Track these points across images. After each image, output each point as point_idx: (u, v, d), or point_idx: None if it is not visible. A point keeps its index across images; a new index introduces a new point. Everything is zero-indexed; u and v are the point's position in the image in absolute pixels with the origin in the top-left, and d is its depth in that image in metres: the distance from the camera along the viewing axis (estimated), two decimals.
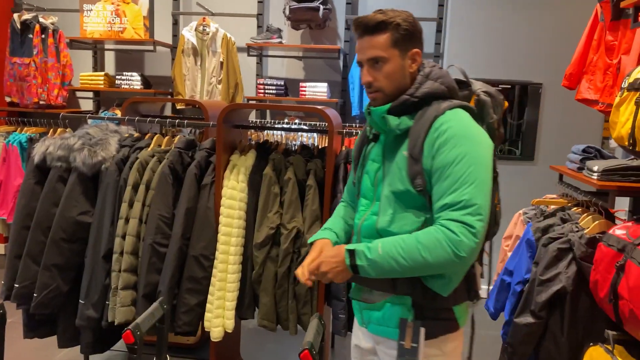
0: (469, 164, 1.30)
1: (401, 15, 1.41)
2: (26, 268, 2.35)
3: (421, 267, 1.29)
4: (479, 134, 1.37)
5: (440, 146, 1.32)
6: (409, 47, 1.41)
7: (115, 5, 4.37)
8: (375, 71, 1.41)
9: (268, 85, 4.38)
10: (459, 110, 1.39)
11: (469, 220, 1.26)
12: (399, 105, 1.40)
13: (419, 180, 1.35)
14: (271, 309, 2.28)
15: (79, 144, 2.38)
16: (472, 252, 1.27)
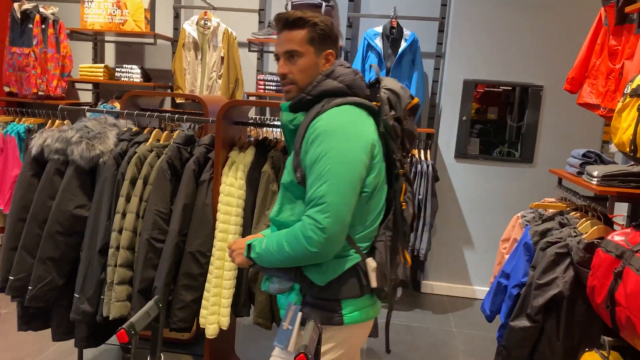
0: (329, 162, 1.35)
1: (319, 17, 1.50)
2: (21, 260, 2.34)
3: (288, 259, 1.41)
4: (356, 132, 1.41)
5: (311, 142, 1.40)
6: (324, 47, 1.50)
7: None
8: (290, 64, 1.48)
9: (268, 81, 4.36)
10: (347, 107, 1.45)
11: (317, 217, 1.34)
12: (297, 102, 1.49)
13: (299, 172, 1.44)
14: (267, 307, 2.27)
15: (77, 137, 2.36)
16: (322, 247, 1.35)
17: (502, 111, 4.20)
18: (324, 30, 1.49)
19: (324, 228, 1.33)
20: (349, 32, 4.40)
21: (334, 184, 1.35)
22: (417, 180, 3.78)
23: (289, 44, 1.47)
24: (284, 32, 1.49)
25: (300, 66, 1.48)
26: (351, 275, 1.46)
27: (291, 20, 1.47)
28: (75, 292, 2.32)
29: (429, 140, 4.11)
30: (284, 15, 1.49)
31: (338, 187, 1.35)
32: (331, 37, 1.52)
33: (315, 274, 1.44)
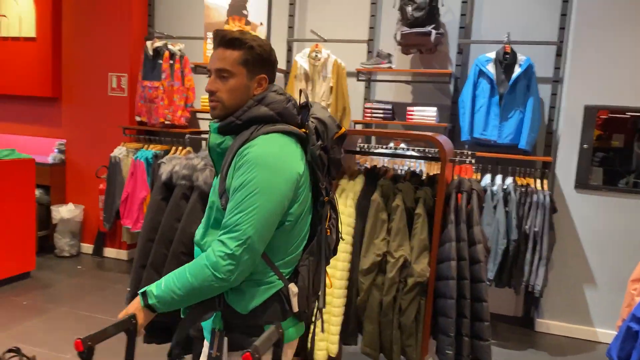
0: (250, 191, 1.36)
1: (258, 40, 1.49)
2: (149, 277, 2.54)
3: (191, 292, 1.38)
4: (282, 163, 1.41)
5: (236, 169, 1.40)
6: (258, 71, 1.49)
7: None
8: (220, 82, 1.48)
9: (375, 109, 4.41)
10: (276, 135, 1.44)
11: (229, 243, 1.35)
12: (225, 126, 1.48)
13: (224, 198, 1.43)
14: (375, 337, 2.26)
15: (201, 164, 2.54)
16: (230, 273, 1.35)
17: (629, 138, 3.88)
18: (260, 55, 1.49)
19: (232, 255, 1.35)
20: (459, 58, 4.34)
21: (250, 214, 1.36)
22: (532, 211, 3.59)
23: (222, 63, 1.47)
24: (219, 50, 1.49)
25: (230, 86, 1.47)
26: (274, 301, 1.46)
27: (228, 39, 1.47)
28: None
29: (545, 169, 3.89)
30: (222, 32, 1.49)
31: (254, 218, 1.36)
32: (267, 62, 1.52)
33: (237, 303, 1.45)
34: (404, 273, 2.24)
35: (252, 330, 1.46)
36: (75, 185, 5.44)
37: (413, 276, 2.20)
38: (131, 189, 4.80)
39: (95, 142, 5.30)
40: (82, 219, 5.36)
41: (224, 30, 1.48)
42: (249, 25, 4.63)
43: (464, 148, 4.16)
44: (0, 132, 5.67)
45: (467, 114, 4.04)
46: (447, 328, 2.18)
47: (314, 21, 4.80)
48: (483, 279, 2.18)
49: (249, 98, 1.49)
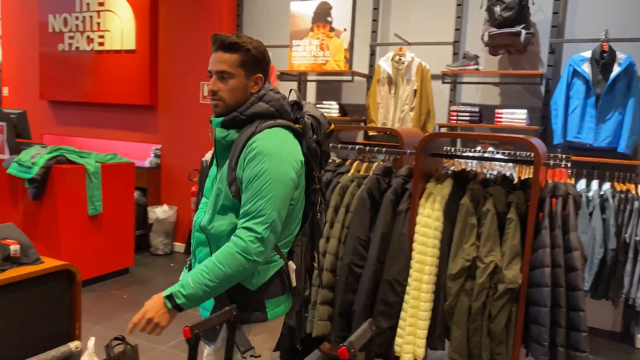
0: (267, 180, 1.51)
1: (253, 43, 1.62)
2: None
3: (226, 280, 1.50)
4: (287, 153, 1.57)
5: (249, 161, 1.53)
6: (254, 71, 1.63)
7: (320, 40, 4.76)
8: (221, 83, 1.61)
9: (461, 112, 4.32)
10: (278, 129, 1.59)
11: (257, 228, 1.49)
12: (230, 120, 1.61)
13: (234, 187, 1.57)
14: (463, 343, 2.22)
15: None
16: (260, 254, 1.50)
17: None
18: (256, 57, 1.62)
19: (262, 238, 1.50)
20: (550, 58, 4.15)
21: (271, 200, 1.50)
22: (633, 219, 3.36)
23: (222, 65, 1.60)
24: (218, 53, 1.61)
25: (230, 86, 1.61)
26: (276, 277, 1.62)
27: (226, 44, 1.60)
28: None
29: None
30: (220, 37, 1.60)
31: (275, 202, 1.51)
32: (262, 62, 1.65)
33: (248, 280, 1.58)
34: (495, 279, 2.18)
35: (255, 305, 1.62)
36: (170, 187, 5.78)
37: (504, 282, 2.14)
38: None
39: (188, 147, 5.61)
40: (176, 220, 5.68)
41: (222, 35, 1.61)
42: (333, 32, 4.71)
43: (556, 152, 3.98)
44: (104, 138, 6.15)
45: (560, 116, 3.85)
46: (540, 337, 2.10)
47: (397, 25, 4.79)
48: (580, 287, 2.08)
49: (247, 96, 1.63)
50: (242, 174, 1.56)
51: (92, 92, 6.06)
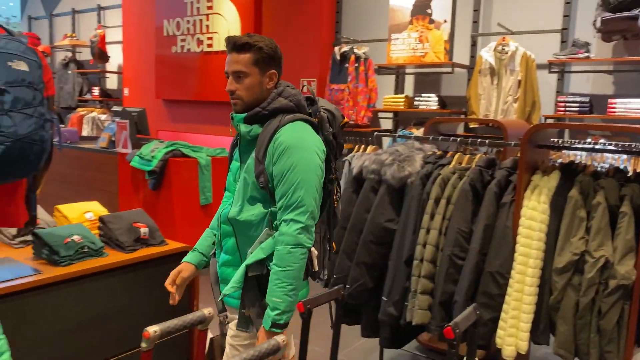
0: (300, 171, 1.59)
1: (265, 41, 1.68)
2: (342, 262, 2.76)
3: (299, 274, 1.59)
4: (312, 144, 1.65)
5: (279, 155, 1.61)
6: (268, 68, 1.69)
7: (420, 32, 4.75)
8: (237, 83, 1.68)
9: (570, 103, 4.12)
10: (299, 123, 1.67)
11: (300, 218, 1.58)
12: (253, 116, 1.69)
13: (262, 178, 1.64)
14: (569, 338, 2.16)
15: (389, 160, 2.68)
16: (307, 240, 1.59)
17: None
18: (268, 54, 1.68)
19: (307, 227, 1.59)
20: None
21: (308, 190, 1.59)
22: None
23: (237, 66, 1.67)
24: (232, 54, 1.68)
25: (246, 85, 1.68)
26: None
27: (239, 45, 1.66)
28: (383, 295, 2.62)
29: None
30: (233, 39, 1.67)
31: (311, 192, 1.60)
32: (274, 59, 1.71)
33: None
34: (605, 274, 2.09)
35: None
36: None
37: (616, 278, 2.05)
38: None
39: None
40: None
41: (234, 37, 1.68)
42: (433, 24, 4.67)
43: None
44: (212, 134, 6.56)
45: None
46: None
47: (500, 14, 4.65)
48: None
49: (263, 92, 1.70)
50: (272, 167, 1.63)
51: (201, 90, 6.49)
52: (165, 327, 1.15)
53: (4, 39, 1.79)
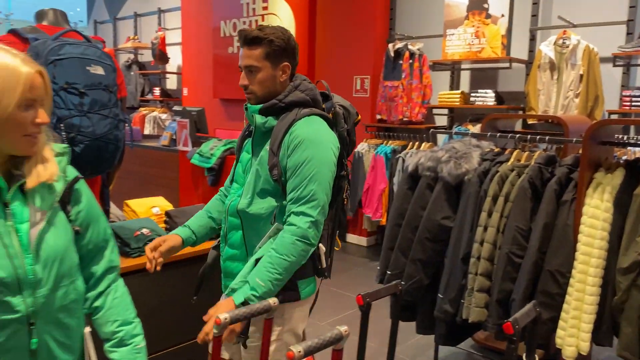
0: (315, 166, 1.58)
1: (276, 33, 1.63)
2: (396, 259, 2.78)
3: (291, 268, 1.57)
4: (327, 139, 1.64)
5: (293, 148, 1.59)
6: (280, 60, 1.65)
7: (476, 28, 4.68)
8: (250, 77, 1.66)
9: (636, 97, 3.95)
10: (315, 117, 1.66)
11: (311, 211, 1.57)
12: (269, 107, 1.66)
13: (275, 171, 1.62)
14: (635, 341, 2.10)
15: (446, 157, 2.68)
16: (314, 236, 1.58)
17: None
18: (280, 46, 1.63)
19: (316, 221, 1.58)
20: None
21: (321, 184, 1.58)
22: None
23: (248, 60, 1.64)
24: (244, 49, 1.66)
25: (259, 79, 1.65)
26: (311, 258, 1.67)
27: (250, 39, 1.63)
28: (439, 292, 2.62)
29: None
30: (244, 33, 1.64)
31: (323, 186, 1.59)
32: (287, 51, 1.66)
33: None
34: None
35: (289, 284, 1.64)
36: None
37: None
38: (372, 181, 5.21)
39: None
40: None
41: (245, 31, 1.66)
42: (490, 18, 4.59)
43: None
44: None
45: None
46: None
47: (560, 7, 4.51)
48: None
49: (276, 85, 1.68)
50: (286, 159, 1.61)
51: None
52: (234, 314, 1.22)
53: (83, 45, 1.93)
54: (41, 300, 1.17)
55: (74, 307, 1.26)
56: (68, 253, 1.24)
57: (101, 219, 1.35)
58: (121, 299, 1.35)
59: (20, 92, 1.10)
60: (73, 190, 1.27)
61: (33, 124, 1.14)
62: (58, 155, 1.24)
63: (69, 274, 1.24)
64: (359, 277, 4.77)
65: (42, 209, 1.18)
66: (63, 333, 1.23)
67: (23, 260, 1.14)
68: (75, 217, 1.28)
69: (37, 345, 1.18)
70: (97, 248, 1.34)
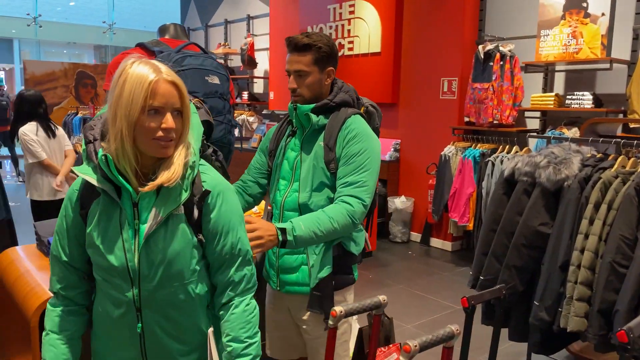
0: (368, 156, 1.76)
1: (323, 40, 1.79)
2: (490, 264, 2.76)
3: (331, 235, 1.69)
4: (373, 134, 1.83)
5: (349, 140, 1.77)
6: (327, 65, 1.82)
7: (573, 28, 4.50)
8: (299, 81, 1.80)
9: None
10: (358, 116, 1.85)
11: (362, 195, 1.73)
12: (321, 107, 1.81)
13: (332, 164, 1.78)
14: None
15: (544, 162, 2.63)
16: (361, 217, 1.74)
17: None
18: (327, 52, 1.79)
19: (366, 205, 1.73)
20: None
21: (371, 173, 1.76)
22: None
23: (298, 65, 1.78)
24: (293, 54, 1.79)
25: (307, 83, 1.80)
26: (364, 244, 1.90)
27: (300, 45, 1.77)
28: (535, 299, 2.58)
29: None
30: (294, 40, 1.77)
31: (373, 175, 1.77)
32: (332, 56, 1.83)
33: (354, 247, 1.84)
34: None
35: (349, 269, 1.88)
36: (407, 180, 6.13)
37: None
38: (459, 184, 5.15)
39: (426, 142, 5.87)
40: (412, 210, 6.00)
41: (295, 38, 1.78)
42: (589, 18, 4.41)
43: None
44: None
45: None
46: None
47: None
48: None
49: (322, 88, 1.83)
50: (341, 151, 1.77)
51: None
52: (348, 309, 1.31)
53: (202, 56, 2.11)
54: (146, 294, 1.27)
55: (184, 305, 1.32)
56: (180, 258, 1.27)
57: (232, 235, 1.33)
58: (238, 316, 1.32)
59: (143, 98, 1.19)
60: (204, 201, 1.29)
61: (160, 129, 1.21)
62: (190, 165, 1.27)
63: (179, 277, 1.28)
64: (443, 282, 4.74)
65: (161, 213, 1.24)
66: (171, 326, 1.31)
67: (134, 256, 1.25)
68: (201, 226, 1.30)
69: (142, 330, 1.30)
70: (221, 261, 1.34)
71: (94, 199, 1.29)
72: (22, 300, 1.96)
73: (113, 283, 1.29)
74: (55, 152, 4.28)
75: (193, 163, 1.28)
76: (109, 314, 1.32)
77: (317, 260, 1.77)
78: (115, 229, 1.26)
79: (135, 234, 1.25)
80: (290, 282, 1.87)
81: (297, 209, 1.83)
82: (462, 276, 4.84)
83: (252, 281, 1.38)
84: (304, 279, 1.83)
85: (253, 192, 2.04)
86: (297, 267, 1.84)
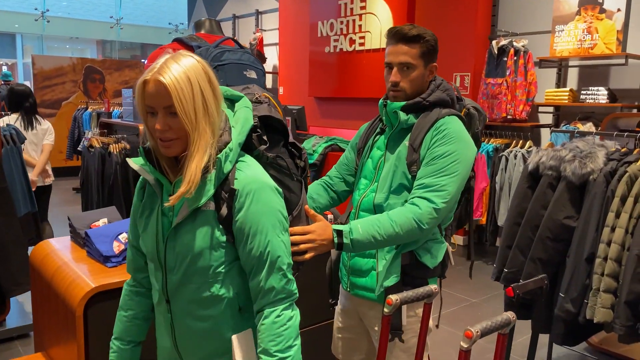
0: (454, 159, 1.58)
1: (429, 33, 1.66)
2: (515, 257, 2.81)
3: (393, 239, 1.54)
4: (468, 139, 1.65)
5: (436, 140, 1.60)
6: (431, 60, 1.69)
7: (588, 23, 4.53)
8: (402, 74, 1.66)
9: None
10: (454, 117, 1.66)
11: (436, 199, 1.54)
12: (412, 105, 1.67)
13: (414, 167, 1.63)
14: None
15: (569, 156, 2.67)
16: (431, 223, 1.55)
17: None
18: (433, 47, 1.67)
19: (438, 210, 1.54)
20: None
21: (453, 178, 1.57)
22: None
23: (405, 57, 1.64)
24: (399, 45, 1.65)
25: (412, 77, 1.66)
26: (444, 258, 1.70)
27: (410, 36, 1.63)
28: (560, 291, 2.62)
29: None
30: (402, 30, 1.64)
31: (456, 181, 1.57)
32: (435, 51, 1.70)
33: (428, 259, 1.65)
34: None
35: (423, 282, 1.64)
36: None
37: None
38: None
39: None
40: None
41: (403, 28, 1.65)
42: (604, 13, 4.43)
43: None
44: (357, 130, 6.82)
45: None
46: None
47: None
48: None
49: (423, 84, 1.70)
50: (426, 152, 1.61)
51: (351, 88, 6.77)
52: (403, 297, 1.35)
53: (239, 51, 2.14)
54: (172, 286, 1.29)
55: (210, 305, 1.28)
56: (204, 255, 1.24)
57: (259, 238, 1.23)
58: (267, 327, 1.23)
59: (141, 99, 1.18)
60: (234, 199, 1.23)
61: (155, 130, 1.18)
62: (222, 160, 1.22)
63: (202, 274, 1.25)
64: (457, 275, 4.78)
65: (188, 208, 1.22)
66: (198, 323, 1.30)
67: (163, 247, 1.28)
68: (230, 225, 1.25)
69: (172, 321, 1.32)
70: (250, 265, 1.26)
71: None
72: (65, 292, 2.00)
73: (152, 270, 1.35)
74: (33, 144, 4.47)
75: (226, 158, 1.22)
76: (154, 301, 1.38)
77: (385, 266, 1.65)
78: (154, 217, 1.30)
79: (170, 225, 1.28)
80: (359, 286, 1.76)
81: (372, 210, 1.70)
82: (475, 270, 4.88)
83: (285, 291, 1.25)
84: (372, 284, 1.71)
85: (338, 189, 1.91)
86: (367, 271, 1.72)
